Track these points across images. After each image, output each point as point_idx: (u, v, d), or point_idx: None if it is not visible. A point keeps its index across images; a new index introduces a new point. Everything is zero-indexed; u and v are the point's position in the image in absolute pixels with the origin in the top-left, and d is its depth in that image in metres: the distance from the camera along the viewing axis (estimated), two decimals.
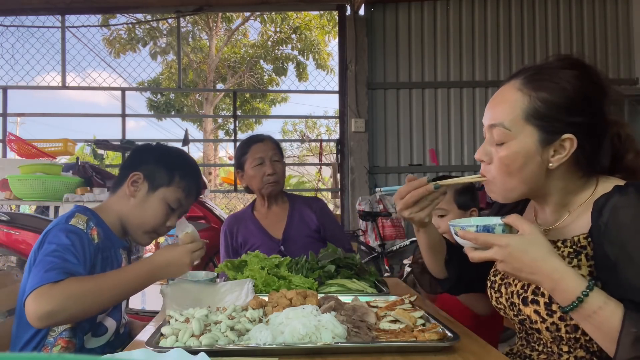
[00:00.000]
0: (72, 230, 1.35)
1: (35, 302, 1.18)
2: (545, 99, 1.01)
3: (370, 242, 4.57)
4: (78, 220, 1.39)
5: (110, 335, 1.47)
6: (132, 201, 1.51)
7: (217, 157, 12.99)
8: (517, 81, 1.06)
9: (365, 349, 1.03)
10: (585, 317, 0.91)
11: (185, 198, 1.54)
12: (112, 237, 1.50)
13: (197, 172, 1.62)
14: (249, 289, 1.42)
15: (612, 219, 0.96)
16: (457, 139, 5.18)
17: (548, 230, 1.11)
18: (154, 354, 0.93)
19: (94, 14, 6.00)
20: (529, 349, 1.15)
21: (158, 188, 1.50)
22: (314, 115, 11.97)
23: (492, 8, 5.21)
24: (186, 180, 1.54)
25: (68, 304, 1.20)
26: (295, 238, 2.16)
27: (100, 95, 28.21)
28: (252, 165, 2.18)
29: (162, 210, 1.51)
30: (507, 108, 1.04)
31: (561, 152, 1.02)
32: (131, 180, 1.50)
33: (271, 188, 2.18)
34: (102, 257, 1.43)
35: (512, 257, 0.94)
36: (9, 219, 3.08)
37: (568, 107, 1.01)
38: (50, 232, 1.36)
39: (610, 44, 5.25)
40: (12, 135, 4.53)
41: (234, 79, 11.74)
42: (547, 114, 1.01)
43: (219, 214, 4.16)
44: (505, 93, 1.07)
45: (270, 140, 2.25)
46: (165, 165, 1.53)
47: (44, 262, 1.25)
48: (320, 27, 10.85)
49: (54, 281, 1.20)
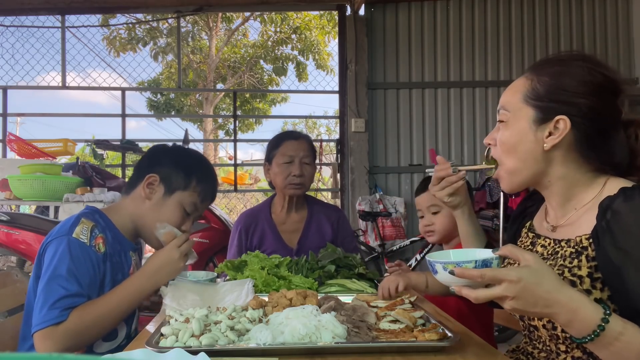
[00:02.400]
0: (75, 246, 1.33)
1: (45, 343, 1.24)
2: (545, 81, 1.05)
3: (370, 242, 4.57)
4: (82, 230, 1.37)
5: (122, 339, 1.47)
6: (147, 203, 1.48)
7: (217, 157, 12.99)
8: (526, 72, 1.10)
9: (365, 349, 1.03)
10: (605, 345, 0.86)
11: (201, 202, 1.52)
12: (122, 240, 1.48)
13: (214, 177, 1.59)
14: (249, 289, 1.42)
15: (616, 223, 0.94)
16: (457, 139, 5.18)
17: (555, 227, 1.11)
18: (154, 354, 0.93)
19: (94, 14, 5.99)
20: (531, 346, 1.16)
21: (174, 191, 1.48)
22: (314, 115, 11.98)
23: (492, 8, 5.21)
24: (203, 185, 1.51)
25: (77, 339, 1.27)
26: (309, 248, 2.06)
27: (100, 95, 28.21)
28: (280, 162, 2.07)
29: (178, 214, 1.48)
30: (511, 93, 1.10)
31: (555, 133, 1.03)
32: (147, 182, 1.48)
33: (294, 190, 2.08)
34: (110, 264, 1.42)
35: (526, 292, 0.86)
36: (9, 219, 3.08)
37: (566, 89, 1.03)
38: (52, 242, 1.35)
39: (610, 44, 5.25)
40: (12, 135, 4.53)
41: (234, 79, 11.74)
42: (544, 95, 1.04)
43: (219, 214, 4.16)
44: (514, 82, 1.12)
45: (305, 140, 2.13)
46: (183, 169, 1.50)
47: (49, 289, 1.27)
48: (320, 27, 10.84)
49: (58, 322, 1.24)
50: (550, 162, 1.06)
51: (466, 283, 0.92)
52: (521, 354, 1.18)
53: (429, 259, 0.98)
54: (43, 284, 1.29)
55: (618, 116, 1.06)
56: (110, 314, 1.32)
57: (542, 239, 1.15)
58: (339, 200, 5.29)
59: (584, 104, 1.02)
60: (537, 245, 1.15)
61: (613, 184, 1.04)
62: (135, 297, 1.37)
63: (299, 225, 2.16)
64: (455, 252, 1.07)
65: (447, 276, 0.93)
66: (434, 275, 0.98)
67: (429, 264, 0.98)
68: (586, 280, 0.98)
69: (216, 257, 3.90)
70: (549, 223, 1.14)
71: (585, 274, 0.99)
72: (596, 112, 1.02)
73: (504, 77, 5.13)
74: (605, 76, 1.04)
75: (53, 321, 1.24)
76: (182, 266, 1.44)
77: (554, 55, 1.11)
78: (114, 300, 1.34)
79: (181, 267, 1.43)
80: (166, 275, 1.41)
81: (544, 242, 1.13)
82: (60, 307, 1.25)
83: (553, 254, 1.08)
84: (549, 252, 1.10)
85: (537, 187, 1.13)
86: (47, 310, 1.25)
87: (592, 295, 0.97)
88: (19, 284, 1.67)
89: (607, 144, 1.04)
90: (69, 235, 1.35)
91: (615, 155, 1.05)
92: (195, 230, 4.04)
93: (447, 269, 0.93)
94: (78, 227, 1.37)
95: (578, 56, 1.07)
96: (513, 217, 1.36)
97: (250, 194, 8.37)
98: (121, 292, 1.36)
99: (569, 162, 1.06)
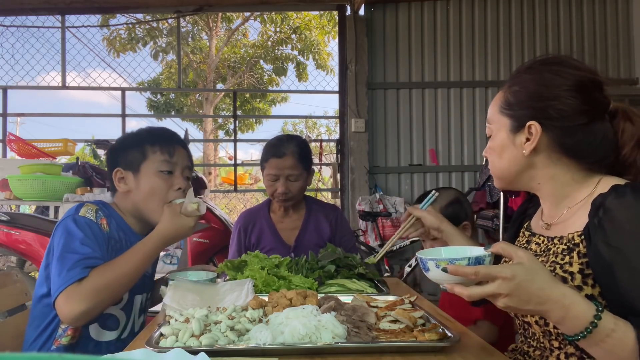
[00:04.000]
0: (82, 221, 1.39)
1: (68, 303, 1.25)
2: (515, 90, 1.10)
3: (370, 242, 4.57)
4: (87, 210, 1.44)
5: (121, 331, 1.49)
6: (130, 194, 1.54)
7: (217, 157, 13.00)
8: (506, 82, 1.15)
9: (365, 349, 1.03)
10: (597, 342, 0.86)
11: (171, 156, 1.55)
12: (127, 229, 1.54)
13: (161, 130, 1.63)
14: (249, 289, 1.42)
15: (607, 220, 0.95)
16: (457, 139, 5.18)
17: (549, 226, 1.12)
18: (154, 354, 0.93)
19: (94, 14, 5.99)
20: (527, 345, 1.17)
21: (140, 167, 1.53)
22: (314, 115, 11.96)
23: (492, 8, 5.21)
24: (158, 143, 1.55)
25: (99, 298, 1.28)
26: (307, 246, 2.11)
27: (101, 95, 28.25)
28: (267, 178, 2.12)
29: (158, 181, 1.52)
30: (492, 106, 1.17)
31: (530, 139, 1.07)
32: (116, 179, 1.54)
33: (281, 204, 2.16)
34: (115, 248, 1.46)
35: (520, 289, 0.86)
36: (9, 219, 3.08)
37: (533, 96, 1.07)
38: (61, 223, 1.40)
39: (610, 44, 5.25)
40: (12, 135, 4.53)
41: (234, 79, 11.74)
42: (515, 103, 1.09)
43: (219, 214, 4.16)
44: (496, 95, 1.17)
45: (291, 156, 2.08)
46: (133, 146, 1.55)
47: (63, 259, 1.30)
48: (320, 27, 10.84)
49: (79, 279, 1.26)
50: (534, 165, 1.09)
51: (459, 280, 0.91)
52: (519, 354, 1.18)
53: (420, 256, 0.97)
54: (56, 260, 1.32)
55: (600, 110, 1.06)
56: (129, 273, 1.35)
57: (536, 237, 1.17)
58: (339, 200, 5.29)
59: (551, 106, 1.04)
60: (532, 243, 1.17)
61: (606, 182, 1.04)
62: (150, 255, 1.42)
63: (297, 223, 2.19)
64: (446, 250, 1.07)
65: (440, 274, 0.92)
66: (425, 273, 0.96)
67: (420, 261, 0.96)
68: (577, 276, 0.99)
69: (216, 257, 3.90)
70: (543, 221, 1.16)
71: (576, 270, 1.00)
72: (567, 112, 1.03)
73: (504, 77, 5.12)
74: (575, 75, 1.05)
75: (75, 278, 1.26)
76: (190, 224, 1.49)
77: (526, 64, 1.14)
78: (131, 260, 1.37)
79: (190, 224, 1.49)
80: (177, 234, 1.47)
81: (537, 240, 1.15)
82: (80, 266, 1.28)
83: (546, 251, 1.10)
84: (542, 249, 1.12)
85: (528, 189, 1.16)
86: (67, 272, 1.27)
87: (583, 292, 0.98)
88: (19, 284, 1.68)
89: (587, 140, 1.05)
90: (74, 215, 1.41)
91: (598, 151, 1.05)
92: (195, 230, 4.03)
93: (439, 267, 0.91)
94: (83, 208, 1.44)
95: (547, 60, 1.10)
96: (513, 219, 1.37)
97: (250, 194, 8.37)
98: (137, 251, 1.40)
99: (555, 162, 1.08)
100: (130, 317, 1.52)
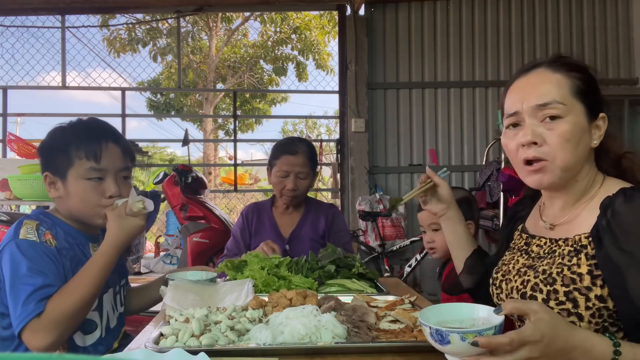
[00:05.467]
0: (24, 245, 1.31)
1: (34, 339, 1.23)
2: (582, 78, 1.05)
3: (370, 242, 4.58)
4: (27, 230, 1.34)
5: (101, 330, 1.46)
6: (63, 199, 1.44)
7: (217, 157, 12.99)
8: (546, 68, 1.07)
9: (365, 349, 1.03)
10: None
11: (97, 160, 1.40)
12: (75, 234, 1.46)
13: (85, 127, 1.46)
14: (249, 289, 1.42)
15: (616, 223, 0.96)
16: (457, 139, 5.18)
17: (553, 226, 1.12)
18: (154, 354, 0.93)
19: (93, 14, 5.99)
20: None
21: (66, 175, 1.41)
22: (314, 115, 11.97)
23: (492, 8, 5.21)
24: (83, 146, 1.40)
25: (62, 327, 1.25)
26: (301, 239, 2.21)
27: (102, 95, 28.23)
28: (277, 174, 2.19)
29: (86, 189, 1.40)
30: (553, 87, 1.04)
31: (598, 130, 1.06)
32: (47, 183, 1.44)
33: (288, 200, 2.23)
34: (68, 258, 1.39)
35: (549, 347, 0.84)
36: (9, 219, 3.08)
37: (595, 87, 1.06)
38: (4, 250, 1.32)
39: (610, 44, 5.25)
40: (12, 135, 4.53)
41: (234, 79, 11.74)
42: (588, 91, 1.05)
43: (219, 214, 4.16)
44: (541, 76, 1.07)
45: (303, 155, 2.19)
46: (58, 149, 1.42)
47: (17, 291, 1.26)
48: (320, 27, 10.84)
49: (38, 313, 1.23)
50: (588, 160, 1.08)
51: (482, 352, 0.83)
52: None
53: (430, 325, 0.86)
54: (9, 290, 1.28)
55: None
56: (86, 295, 1.29)
57: (537, 239, 1.15)
58: (339, 200, 5.29)
59: (604, 101, 1.06)
60: (532, 245, 1.16)
61: (610, 183, 1.05)
62: (108, 266, 1.35)
63: (295, 219, 2.29)
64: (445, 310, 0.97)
65: (464, 347, 0.81)
66: (440, 346, 0.86)
67: (437, 333, 0.84)
68: (586, 277, 0.99)
69: (216, 257, 3.90)
70: (545, 222, 1.14)
71: (585, 271, 0.99)
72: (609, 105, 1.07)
73: (504, 77, 5.12)
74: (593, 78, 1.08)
75: (33, 314, 1.23)
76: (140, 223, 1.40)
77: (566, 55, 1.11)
78: (87, 278, 1.31)
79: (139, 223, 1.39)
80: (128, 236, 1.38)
81: (539, 242, 1.14)
82: (33, 301, 1.24)
83: (550, 253, 1.08)
84: (545, 251, 1.10)
85: (564, 187, 1.08)
86: (22, 307, 1.23)
87: (593, 292, 0.97)
88: None
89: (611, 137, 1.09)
90: (15, 239, 1.32)
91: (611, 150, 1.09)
92: (195, 230, 4.04)
93: (465, 339, 0.81)
94: (22, 228, 1.34)
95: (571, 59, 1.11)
96: (505, 222, 1.37)
97: (250, 194, 8.37)
98: (93, 266, 1.33)
99: (592, 159, 1.09)
100: (102, 316, 1.48)
